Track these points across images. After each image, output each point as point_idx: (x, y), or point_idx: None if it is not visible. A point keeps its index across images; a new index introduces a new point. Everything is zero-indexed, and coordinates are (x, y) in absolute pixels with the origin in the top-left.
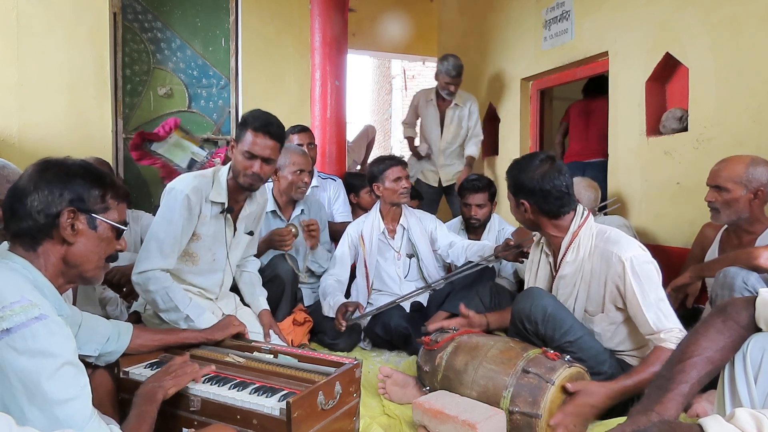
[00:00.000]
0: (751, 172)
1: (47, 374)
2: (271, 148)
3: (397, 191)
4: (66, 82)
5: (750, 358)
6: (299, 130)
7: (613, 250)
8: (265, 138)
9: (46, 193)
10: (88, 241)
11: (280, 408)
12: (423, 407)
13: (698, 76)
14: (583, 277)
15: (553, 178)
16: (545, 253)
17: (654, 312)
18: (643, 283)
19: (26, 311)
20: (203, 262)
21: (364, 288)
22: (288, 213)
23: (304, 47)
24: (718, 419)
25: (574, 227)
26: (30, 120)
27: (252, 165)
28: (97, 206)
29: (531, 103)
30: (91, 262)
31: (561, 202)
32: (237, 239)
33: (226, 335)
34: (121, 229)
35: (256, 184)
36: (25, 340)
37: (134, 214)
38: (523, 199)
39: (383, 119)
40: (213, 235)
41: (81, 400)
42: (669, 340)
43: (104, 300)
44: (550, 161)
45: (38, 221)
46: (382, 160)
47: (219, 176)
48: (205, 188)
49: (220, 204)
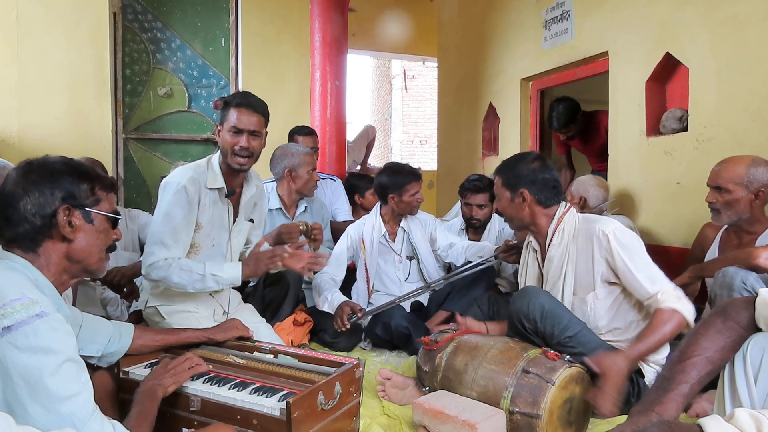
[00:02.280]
0: (751, 173)
1: (50, 371)
2: (256, 121)
3: (413, 205)
4: (66, 82)
5: (750, 358)
6: (306, 133)
7: (596, 226)
8: (248, 111)
9: (37, 195)
10: (87, 235)
11: (280, 408)
12: (423, 407)
13: (698, 76)
14: (569, 257)
15: (549, 170)
16: (533, 249)
17: (646, 275)
18: (629, 250)
19: (27, 308)
20: (203, 250)
21: (365, 291)
22: (293, 211)
23: (304, 47)
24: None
25: (560, 214)
26: (30, 120)
27: (239, 140)
28: (89, 200)
29: (531, 103)
30: (94, 255)
31: (555, 191)
32: (238, 225)
33: (228, 337)
34: (115, 219)
35: (245, 162)
36: (27, 337)
37: (131, 213)
38: (523, 188)
39: (383, 119)
40: (212, 221)
41: (83, 396)
42: (666, 300)
43: (105, 300)
44: (540, 158)
45: (35, 224)
46: (401, 172)
47: (212, 163)
48: (201, 177)
49: (218, 189)
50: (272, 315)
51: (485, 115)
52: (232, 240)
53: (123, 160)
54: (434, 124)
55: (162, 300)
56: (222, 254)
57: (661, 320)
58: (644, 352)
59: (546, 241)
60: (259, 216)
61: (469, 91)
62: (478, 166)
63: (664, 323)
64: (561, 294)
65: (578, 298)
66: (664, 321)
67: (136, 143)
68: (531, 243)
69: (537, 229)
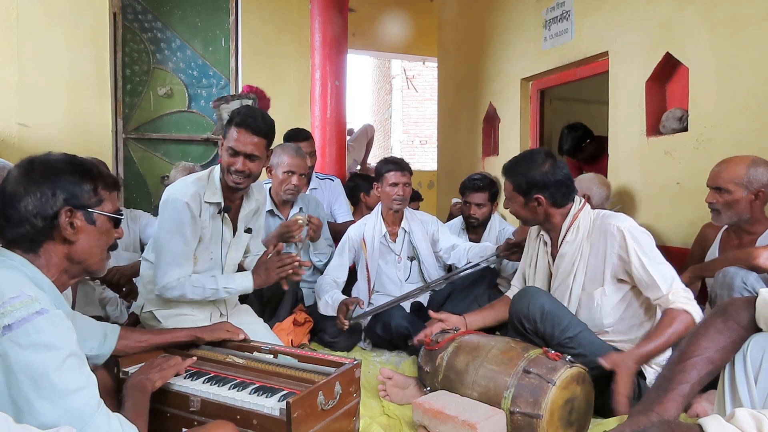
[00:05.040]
0: (751, 173)
1: (54, 366)
2: (254, 144)
3: (391, 197)
4: (66, 82)
5: (750, 358)
6: (301, 139)
7: (611, 222)
8: (247, 133)
9: (38, 196)
10: (89, 236)
11: (280, 408)
12: (423, 407)
13: (698, 76)
14: (582, 255)
15: (562, 169)
16: (543, 242)
17: (660, 272)
18: (644, 247)
19: (26, 306)
20: (201, 262)
21: (366, 291)
22: (285, 212)
23: (304, 47)
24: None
25: (575, 211)
26: (30, 120)
27: (235, 162)
28: (92, 200)
29: (531, 103)
30: (95, 256)
31: (569, 190)
32: (237, 239)
33: (215, 338)
34: (118, 219)
35: (242, 182)
36: (29, 335)
37: (132, 214)
38: (538, 194)
39: (383, 119)
40: (211, 235)
41: (89, 390)
42: (677, 301)
43: (104, 300)
44: (550, 156)
45: (36, 225)
46: (387, 161)
47: (213, 176)
48: (201, 191)
49: (216, 204)
50: (271, 315)
51: (485, 115)
52: (230, 253)
53: (123, 160)
54: (434, 124)
55: (158, 304)
56: (219, 267)
57: (671, 320)
58: (652, 350)
59: (559, 237)
60: (258, 225)
61: (469, 91)
62: (478, 166)
63: (674, 323)
64: (569, 290)
65: (586, 294)
66: (673, 321)
67: (136, 143)
68: (542, 236)
69: (551, 227)
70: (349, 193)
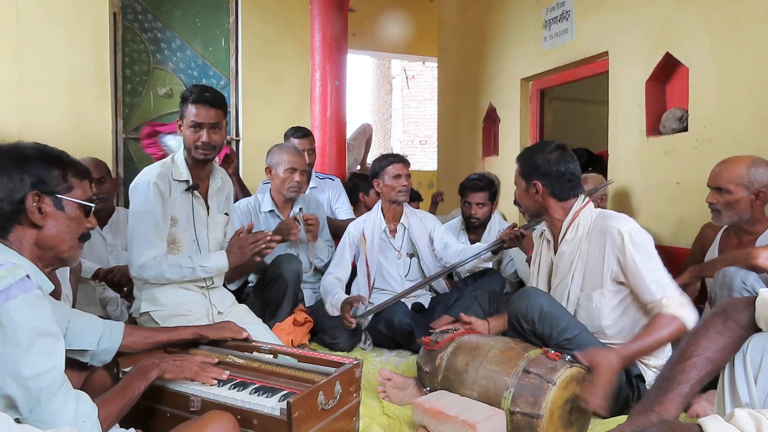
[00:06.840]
0: (752, 173)
1: (25, 347)
2: (214, 114)
3: (396, 188)
4: (66, 82)
5: (750, 358)
6: (301, 135)
7: (612, 224)
8: (205, 106)
9: (5, 180)
10: (57, 222)
11: (280, 408)
12: (423, 407)
13: (698, 76)
14: (580, 255)
15: (567, 162)
16: (546, 239)
17: (655, 280)
18: (642, 252)
19: (12, 273)
20: (185, 246)
21: (366, 287)
22: (286, 212)
23: (304, 47)
24: (718, 419)
25: (576, 209)
26: (30, 120)
27: (200, 135)
28: (60, 186)
29: (531, 103)
30: (65, 243)
31: (571, 185)
32: (213, 218)
33: (219, 336)
34: (88, 207)
35: (209, 152)
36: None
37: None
38: (536, 180)
39: (383, 119)
40: (186, 215)
41: (53, 373)
42: (669, 306)
43: (104, 300)
44: (562, 148)
45: (3, 209)
46: (385, 156)
47: (176, 158)
48: (167, 171)
49: (184, 182)
50: (271, 315)
51: (485, 115)
52: (209, 233)
53: (123, 160)
54: (434, 124)
55: (155, 306)
56: (204, 248)
57: (659, 324)
58: (637, 351)
59: (559, 234)
60: (230, 209)
61: (469, 91)
62: (478, 166)
63: (662, 327)
64: (568, 290)
65: (585, 295)
66: (661, 325)
67: (136, 143)
68: (545, 233)
69: (551, 221)
70: (349, 193)
